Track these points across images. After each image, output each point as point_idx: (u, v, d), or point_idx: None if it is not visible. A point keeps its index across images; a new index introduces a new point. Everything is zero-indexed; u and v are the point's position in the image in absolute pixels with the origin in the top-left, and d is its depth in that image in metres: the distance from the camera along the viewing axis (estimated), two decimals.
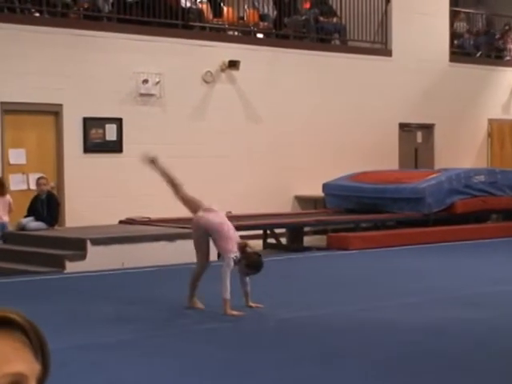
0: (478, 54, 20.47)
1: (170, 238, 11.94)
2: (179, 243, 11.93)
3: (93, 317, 7.94)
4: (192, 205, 8.53)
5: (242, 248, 7.93)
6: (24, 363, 1.08)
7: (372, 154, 17.63)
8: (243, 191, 15.82)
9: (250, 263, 7.91)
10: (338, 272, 11.30)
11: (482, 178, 15.98)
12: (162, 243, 11.81)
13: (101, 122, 14.23)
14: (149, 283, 10.26)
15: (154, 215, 13.96)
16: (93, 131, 14.19)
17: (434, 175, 15.70)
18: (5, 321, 1.09)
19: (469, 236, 14.94)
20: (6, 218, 12.69)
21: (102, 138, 14.27)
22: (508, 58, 21.01)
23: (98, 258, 11.17)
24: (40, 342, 1.12)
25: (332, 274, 11.04)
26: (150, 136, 14.83)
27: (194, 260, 8.46)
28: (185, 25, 15.58)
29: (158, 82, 14.85)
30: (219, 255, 9.05)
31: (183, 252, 11.82)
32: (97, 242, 11.35)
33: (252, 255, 7.98)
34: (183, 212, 14.36)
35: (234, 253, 7.88)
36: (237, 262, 7.90)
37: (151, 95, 14.86)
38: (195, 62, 15.38)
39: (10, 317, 1.09)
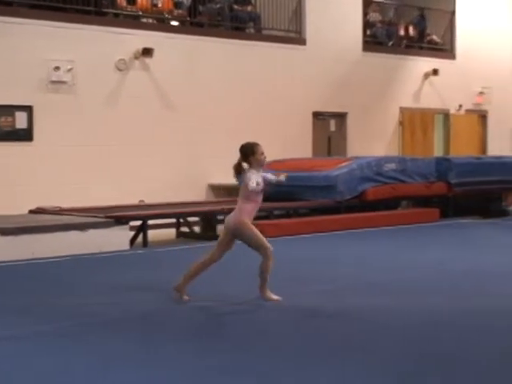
0: (390, 44, 20.81)
1: (81, 227, 11.83)
2: (91, 232, 11.85)
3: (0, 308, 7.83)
4: None
5: None
6: None
7: (286, 143, 17.78)
8: (157, 179, 15.78)
9: None
10: (251, 260, 11.37)
11: (392, 165, 16.29)
12: (73, 232, 11.69)
13: (11, 109, 14.03)
14: (59, 273, 10.17)
15: (65, 204, 13.83)
16: (2, 119, 13.97)
17: (346, 163, 15.93)
18: None
19: (379, 223, 15.23)
20: None
21: (11, 126, 14.07)
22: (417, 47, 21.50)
23: (6, 249, 11.00)
24: None
25: (245, 263, 11.10)
26: (62, 124, 14.66)
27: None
28: (98, 11, 15.41)
29: (70, 70, 14.68)
30: None
31: (94, 241, 11.76)
32: (5, 232, 11.17)
33: None
34: (94, 201, 14.36)
35: None
36: None
37: (63, 82, 14.69)
38: (108, 50, 15.24)
39: None
